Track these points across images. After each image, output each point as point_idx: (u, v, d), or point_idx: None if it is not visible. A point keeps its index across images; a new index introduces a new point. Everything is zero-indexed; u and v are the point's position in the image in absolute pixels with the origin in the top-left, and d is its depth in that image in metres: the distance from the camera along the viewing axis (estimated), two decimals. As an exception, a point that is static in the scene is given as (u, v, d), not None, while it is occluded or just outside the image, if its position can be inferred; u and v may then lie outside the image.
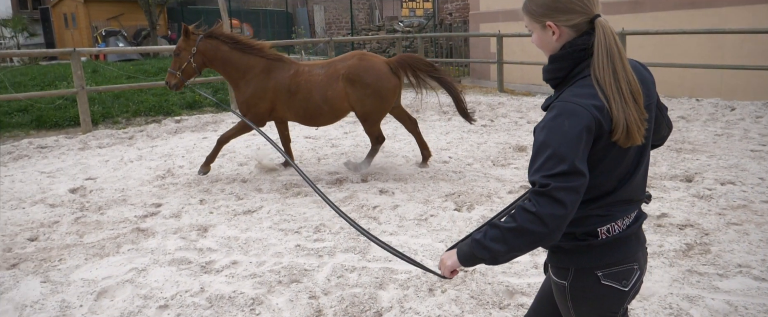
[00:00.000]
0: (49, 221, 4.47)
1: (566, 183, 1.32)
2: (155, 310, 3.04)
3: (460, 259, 1.49)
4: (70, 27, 18.96)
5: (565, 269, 1.52)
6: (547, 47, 1.51)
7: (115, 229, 4.29)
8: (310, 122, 5.46)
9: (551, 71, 1.50)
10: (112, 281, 3.39)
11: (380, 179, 5.38)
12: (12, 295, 3.23)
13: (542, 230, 1.33)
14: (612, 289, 1.49)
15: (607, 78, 1.38)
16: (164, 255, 3.75)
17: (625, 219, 1.49)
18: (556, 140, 1.35)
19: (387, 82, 5.24)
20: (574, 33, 1.46)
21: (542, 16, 1.47)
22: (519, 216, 1.36)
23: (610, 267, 1.48)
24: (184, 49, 5.29)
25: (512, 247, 1.38)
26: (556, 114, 1.38)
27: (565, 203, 1.32)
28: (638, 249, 1.53)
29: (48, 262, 3.68)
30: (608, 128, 1.37)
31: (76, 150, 7.15)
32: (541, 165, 1.36)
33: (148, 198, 5.02)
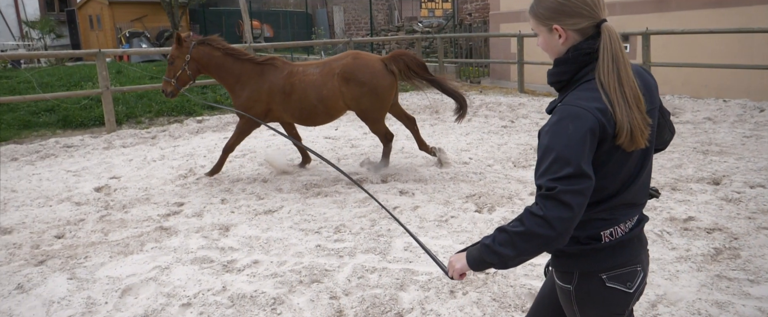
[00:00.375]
0: (75, 219, 4.56)
1: (572, 186, 1.34)
2: (178, 308, 3.07)
3: (470, 263, 1.50)
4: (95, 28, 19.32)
5: (569, 273, 1.54)
6: (553, 50, 1.53)
7: (138, 227, 4.35)
8: (306, 121, 5.49)
9: (556, 74, 1.52)
10: (136, 279, 3.43)
11: (400, 179, 5.37)
12: (40, 291, 3.30)
13: (550, 234, 1.35)
14: (617, 291, 1.51)
15: (611, 82, 1.40)
16: (187, 253, 3.79)
17: (627, 223, 1.51)
18: (560, 144, 1.36)
19: (382, 79, 5.28)
20: (580, 37, 1.48)
21: (549, 19, 1.49)
22: (527, 220, 1.37)
23: (614, 270, 1.50)
24: (177, 58, 5.32)
25: (521, 251, 1.39)
26: (560, 117, 1.40)
27: (572, 206, 1.34)
28: (641, 250, 1.55)
29: (74, 259, 3.75)
30: (612, 131, 1.39)
31: (100, 149, 7.28)
32: (547, 168, 1.37)
33: (170, 197, 5.08)
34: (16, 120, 8.51)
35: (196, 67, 5.38)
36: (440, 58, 12.98)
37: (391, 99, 5.44)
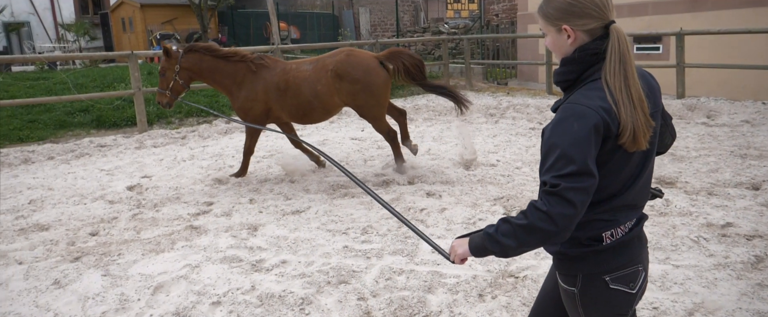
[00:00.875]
0: (108, 216, 4.66)
1: (576, 184, 1.37)
2: (208, 306, 3.10)
3: (472, 250, 1.55)
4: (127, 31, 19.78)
5: (572, 276, 1.56)
6: (561, 50, 1.55)
7: (169, 226, 4.42)
8: (303, 119, 5.49)
9: (563, 74, 1.53)
10: (167, 276, 3.49)
11: (427, 181, 5.34)
12: (75, 287, 3.37)
13: (552, 229, 1.38)
14: (620, 292, 1.53)
15: (618, 83, 1.43)
16: (216, 252, 3.84)
17: (627, 223, 1.54)
18: (565, 141, 1.39)
19: (376, 76, 5.27)
20: (589, 37, 1.50)
21: (558, 19, 1.51)
22: (530, 214, 1.40)
23: (617, 271, 1.52)
24: (168, 69, 5.34)
25: (522, 243, 1.43)
26: (565, 116, 1.42)
27: (575, 203, 1.36)
28: (641, 250, 1.57)
29: (108, 256, 3.83)
30: (615, 130, 1.41)
31: (132, 149, 7.44)
32: (551, 165, 1.40)
33: (200, 197, 5.15)
34: (52, 120, 8.76)
35: (188, 75, 5.37)
36: (467, 59, 12.89)
37: (387, 96, 5.44)
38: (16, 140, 8.01)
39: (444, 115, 9.33)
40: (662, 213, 4.16)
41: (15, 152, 7.17)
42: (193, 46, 5.38)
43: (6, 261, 3.77)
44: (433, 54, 16.52)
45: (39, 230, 4.40)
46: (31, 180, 5.94)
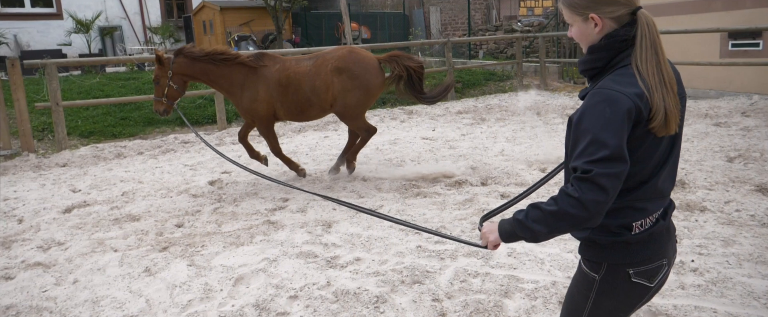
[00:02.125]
0: (192, 210, 4.90)
1: (609, 169, 1.36)
2: (286, 300, 3.19)
3: (502, 236, 1.55)
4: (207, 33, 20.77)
5: (598, 263, 1.56)
6: (587, 39, 1.55)
7: (248, 220, 4.59)
8: (300, 115, 5.44)
9: (590, 62, 1.53)
10: (247, 269, 3.62)
11: (501, 182, 5.22)
12: (164, 275, 3.57)
13: (583, 215, 1.38)
14: (640, 286, 1.53)
15: (651, 68, 1.44)
16: (292, 247, 3.94)
17: (655, 214, 1.53)
18: (597, 127, 1.38)
19: (374, 77, 5.29)
20: (616, 24, 1.50)
21: (585, 8, 1.51)
22: (561, 200, 1.40)
23: (642, 265, 1.52)
24: (161, 76, 5.25)
25: (553, 229, 1.43)
26: (597, 101, 1.41)
27: (607, 189, 1.36)
28: (668, 243, 1.56)
29: (192, 247, 4.03)
30: (646, 116, 1.41)
31: (213, 145, 7.79)
32: (583, 151, 1.39)
33: (276, 193, 5.31)
34: (141, 117, 9.35)
35: (182, 80, 5.29)
36: (542, 57, 12.51)
37: (376, 98, 5.46)
38: (110, 136, 8.62)
39: (517, 115, 9.10)
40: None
41: (109, 146, 7.71)
42: (182, 49, 5.27)
43: (103, 248, 4.06)
44: (506, 53, 16.17)
45: (131, 220, 4.70)
46: (124, 173, 6.36)
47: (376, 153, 6.80)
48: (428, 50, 17.67)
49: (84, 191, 5.69)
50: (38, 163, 6.94)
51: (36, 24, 18.07)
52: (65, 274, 3.65)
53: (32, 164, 6.88)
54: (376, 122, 8.98)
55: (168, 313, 3.10)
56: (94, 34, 18.54)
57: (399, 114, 9.60)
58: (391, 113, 9.67)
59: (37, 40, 17.85)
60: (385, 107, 10.29)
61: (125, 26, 20.09)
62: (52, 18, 18.36)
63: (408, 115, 9.57)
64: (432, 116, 9.37)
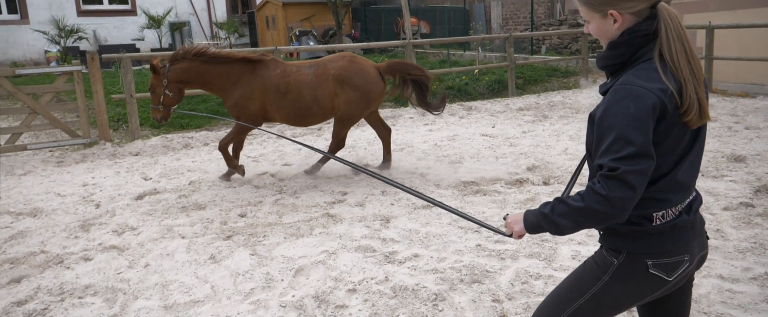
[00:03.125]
0: (255, 200, 5.03)
1: (635, 167, 1.35)
2: (345, 293, 3.21)
3: (527, 227, 1.56)
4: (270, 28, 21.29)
5: (617, 251, 1.55)
6: (607, 35, 1.53)
7: (308, 213, 4.66)
8: (298, 122, 5.47)
9: (610, 58, 1.51)
10: (306, 260, 3.68)
11: (564, 182, 5.05)
12: (228, 263, 3.69)
13: (610, 212, 1.38)
14: (656, 278, 1.51)
15: (681, 60, 1.42)
16: (351, 241, 3.97)
17: (678, 206, 1.51)
18: (622, 123, 1.37)
19: (375, 86, 5.34)
20: (636, 19, 1.48)
21: (604, 4, 1.49)
22: (588, 197, 1.39)
23: (661, 257, 1.50)
24: (157, 85, 5.29)
25: (578, 224, 1.44)
26: (621, 97, 1.40)
27: (634, 186, 1.36)
28: (692, 239, 1.54)
29: (255, 237, 4.14)
30: (672, 109, 1.41)
31: (274, 139, 7.98)
32: (608, 148, 1.39)
33: (335, 186, 5.37)
34: (207, 110, 9.70)
35: (178, 87, 5.31)
36: (608, 53, 11.98)
37: (376, 107, 5.57)
38: (179, 127, 9.00)
39: (582, 112, 8.79)
40: None
41: (178, 137, 8.05)
42: (176, 54, 5.28)
43: (172, 234, 4.24)
44: (570, 48, 15.64)
45: (197, 209, 4.88)
46: (191, 164, 6.62)
47: (434, 149, 6.75)
48: (489, 45, 17.35)
49: (154, 179, 5.97)
50: (114, 151, 7.34)
51: (113, 20, 19.12)
52: (137, 258, 3.84)
53: (108, 153, 7.29)
54: (434, 117, 8.92)
55: (232, 300, 3.20)
56: (165, 30, 19.42)
57: (458, 110, 9.49)
58: (450, 108, 9.57)
59: (114, 35, 18.89)
60: (408, 106, 10.19)
61: (193, 22, 20.91)
62: (127, 14, 19.37)
63: (467, 111, 9.45)
64: (492, 113, 9.20)
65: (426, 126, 8.37)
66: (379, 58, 13.99)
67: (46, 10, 17.68)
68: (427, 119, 8.84)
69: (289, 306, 3.11)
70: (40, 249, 4.05)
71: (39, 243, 4.15)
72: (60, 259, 3.84)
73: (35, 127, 7.47)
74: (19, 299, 3.30)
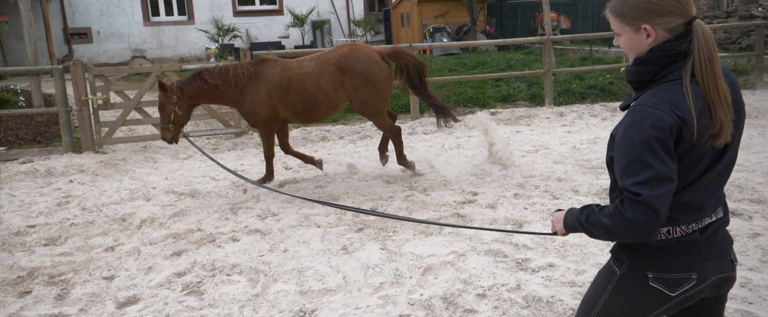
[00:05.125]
0: (385, 195, 5.12)
1: (657, 191, 1.36)
2: (474, 297, 3.12)
3: (566, 227, 1.63)
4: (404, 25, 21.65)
5: (620, 260, 1.59)
6: (637, 50, 1.51)
7: (437, 211, 4.63)
8: (308, 116, 5.41)
9: (636, 74, 1.50)
10: (435, 260, 3.64)
11: (731, 197, 4.44)
12: (359, 255, 3.78)
13: (635, 234, 1.41)
14: (657, 292, 1.51)
15: (710, 82, 1.41)
16: (481, 243, 3.85)
17: (691, 225, 1.50)
18: (638, 145, 1.38)
19: (378, 70, 5.22)
20: (669, 35, 1.46)
21: (637, 19, 1.47)
22: (615, 217, 1.42)
23: (663, 271, 1.50)
24: (167, 103, 5.25)
25: (608, 237, 1.49)
26: (638, 118, 1.41)
27: (658, 210, 1.37)
28: (705, 258, 1.51)
29: (385, 232, 4.20)
30: (688, 133, 1.39)
31: (405, 134, 8.06)
32: (626, 170, 1.40)
33: (466, 186, 5.27)
34: (343, 104, 10.13)
35: (188, 104, 5.33)
36: (787, 49, 10.37)
37: (389, 91, 5.42)
38: (317, 120, 9.50)
39: (755, 117, 7.69)
40: None
41: (316, 130, 8.49)
42: (185, 82, 5.26)
43: (309, 223, 4.46)
44: (739, 43, 13.79)
45: (331, 200, 5.08)
46: (327, 155, 6.94)
47: (572, 152, 6.35)
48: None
49: (294, 169, 6.35)
50: (259, 141, 7.94)
51: (262, 19, 20.78)
52: (278, 243, 4.09)
53: (255, 142, 7.91)
54: (573, 118, 8.40)
55: (362, 292, 3.27)
56: (308, 28, 20.66)
57: (600, 111, 8.84)
58: (591, 109, 8.95)
59: (263, 33, 20.53)
60: (584, 103, 9.57)
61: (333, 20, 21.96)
62: (275, 14, 20.91)
63: (610, 112, 8.76)
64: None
65: (564, 127, 7.91)
66: (515, 56, 13.54)
67: (208, 12, 19.72)
68: (566, 119, 8.36)
69: (417, 304, 3.09)
70: (197, 226, 4.49)
71: (196, 222, 4.61)
72: (213, 238, 4.22)
73: (195, 117, 8.34)
74: (178, 271, 3.68)
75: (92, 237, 4.38)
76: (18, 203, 5.42)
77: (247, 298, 3.29)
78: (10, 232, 4.58)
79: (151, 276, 3.63)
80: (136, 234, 4.40)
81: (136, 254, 4.00)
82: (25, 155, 7.38)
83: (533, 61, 12.57)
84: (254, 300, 3.26)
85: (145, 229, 4.51)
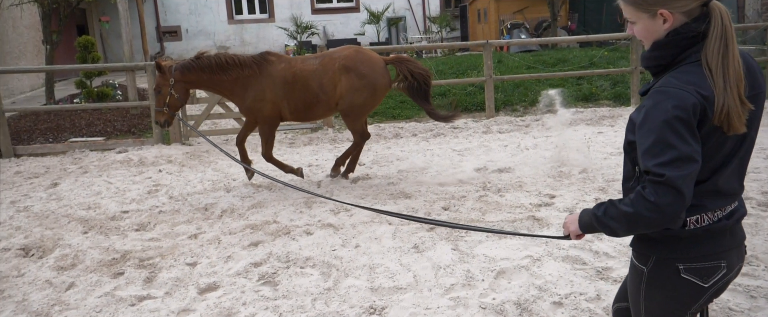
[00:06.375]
0: (458, 194, 5.04)
1: (681, 172, 1.34)
2: (549, 305, 3.00)
3: (582, 227, 1.59)
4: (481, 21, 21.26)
5: (646, 256, 1.54)
6: (653, 36, 1.49)
7: (512, 213, 4.49)
8: (306, 114, 5.37)
9: (654, 58, 1.49)
10: (509, 263, 3.53)
11: None
12: (430, 255, 3.74)
13: (660, 218, 1.37)
14: (690, 283, 1.49)
15: (716, 62, 1.39)
16: (558, 249, 3.70)
17: (716, 212, 1.48)
18: (661, 126, 1.36)
19: (382, 77, 5.26)
20: (686, 18, 1.44)
21: (654, 4, 1.45)
22: (637, 203, 1.39)
23: (694, 262, 1.48)
24: (163, 85, 5.11)
25: (629, 228, 1.44)
26: (661, 99, 1.39)
27: (683, 192, 1.34)
28: (730, 246, 1.51)
29: (457, 232, 4.12)
30: (711, 115, 1.38)
31: (480, 133, 7.93)
32: (648, 151, 1.37)
33: (542, 188, 5.09)
34: (417, 101, 10.09)
35: (184, 88, 5.20)
36: None
37: (381, 99, 5.43)
38: (390, 118, 9.53)
39: None
40: None
41: (389, 127, 8.53)
42: (186, 65, 5.12)
43: (380, 219, 4.47)
44: None
45: (404, 197, 5.08)
46: (399, 152, 6.94)
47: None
48: (741, 37, 14.71)
49: (367, 165, 6.40)
50: (334, 136, 8.09)
51: (339, 17, 21.14)
52: (350, 238, 4.13)
53: (330, 137, 8.06)
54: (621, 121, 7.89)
55: (433, 293, 3.23)
56: (383, 25, 20.78)
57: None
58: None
59: (339, 30, 20.89)
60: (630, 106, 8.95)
61: (409, 17, 21.97)
62: (352, 11, 21.21)
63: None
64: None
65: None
66: (598, 53, 12.91)
67: (288, 9, 20.34)
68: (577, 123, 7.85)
69: (489, 308, 3.02)
70: (273, 219, 4.63)
71: (272, 214, 4.76)
72: (288, 230, 4.34)
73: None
74: (255, 261, 3.81)
75: (178, 225, 4.64)
76: (114, 189, 5.84)
77: (319, 291, 3.34)
78: (106, 216, 4.94)
79: (230, 265, 3.78)
80: (217, 224, 4.61)
81: (216, 242, 4.19)
82: (120, 145, 7.96)
83: (618, 58, 11.92)
84: (326, 294, 3.31)
85: (226, 219, 4.72)
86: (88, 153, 7.64)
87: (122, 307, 3.30)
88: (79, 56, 10.56)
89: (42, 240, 4.38)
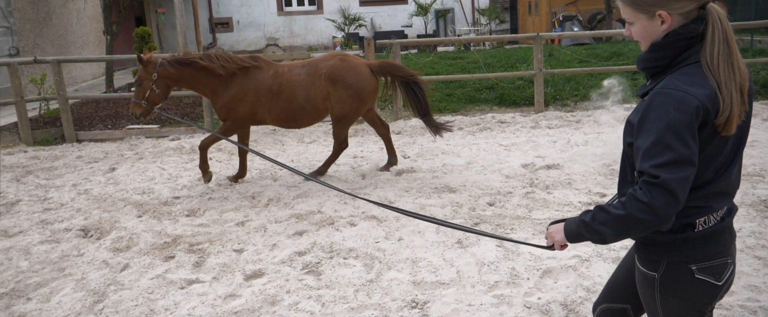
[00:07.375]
0: (504, 190, 4.95)
1: (677, 174, 1.33)
2: (598, 308, 2.90)
3: (567, 236, 1.55)
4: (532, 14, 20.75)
5: (655, 261, 1.52)
6: (651, 37, 1.48)
7: (560, 211, 4.37)
8: (290, 123, 5.40)
9: (651, 60, 1.48)
10: (555, 263, 3.44)
11: None
12: (474, 250, 3.69)
13: (653, 220, 1.36)
14: (705, 283, 1.49)
15: (723, 65, 1.38)
16: (608, 250, 3.57)
17: (719, 212, 1.49)
18: (661, 128, 1.35)
19: (368, 84, 5.30)
20: (684, 20, 1.44)
21: (652, 5, 1.45)
22: (630, 204, 1.37)
23: (705, 261, 1.48)
24: (145, 79, 5.09)
25: (621, 232, 1.42)
26: (661, 101, 1.37)
27: (677, 194, 1.33)
28: (731, 242, 1.53)
29: (502, 228, 4.06)
30: (714, 116, 1.37)
31: (528, 128, 7.75)
32: (647, 153, 1.36)
33: (592, 186, 4.92)
34: (464, 95, 9.96)
35: (166, 84, 5.17)
36: None
37: (370, 105, 5.49)
38: (436, 110, 9.43)
39: None
40: None
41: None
42: (173, 59, 5.14)
43: (424, 213, 4.45)
44: None
45: (448, 191, 5.02)
46: (445, 146, 6.87)
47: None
48: None
49: (412, 158, 6.38)
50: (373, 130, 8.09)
51: (387, 9, 21.11)
52: (393, 231, 4.13)
53: (373, 130, 8.06)
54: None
55: (476, 289, 3.19)
56: (431, 17, 20.60)
57: (761, 110, 7.78)
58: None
59: (387, 22, 20.86)
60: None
61: (457, 9, 21.70)
62: (399, 3, 21.13)
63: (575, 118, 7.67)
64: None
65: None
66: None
67: (336, 1, 20.47)
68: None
69: (534, 308, 2.95)
70: (318, 209, 4.69)
71: (317, 204, 4.81)
72: (332, 221, 4.37)
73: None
74: (300, 250, 3.86)
75: (226, 212, 4.76)
76: (167, 176, 6.06)
77: (361, 283, 3.36)
78: (159, 202, 5.13)
79: (275, 253, 3.85)
80: (263, 212, 4.70)
81: (262, 230, 4.27)
82: (174, 133, 8.23)
83: (677, 52, 11.37)
84: (368, 286, 3.32)
85: (272, 208, 4.80)
86: (143, 140, 7.95)
87: (172, 289, 3.41)
88: (137, 46, 10.98)
89: (100, 222, 4.59)
